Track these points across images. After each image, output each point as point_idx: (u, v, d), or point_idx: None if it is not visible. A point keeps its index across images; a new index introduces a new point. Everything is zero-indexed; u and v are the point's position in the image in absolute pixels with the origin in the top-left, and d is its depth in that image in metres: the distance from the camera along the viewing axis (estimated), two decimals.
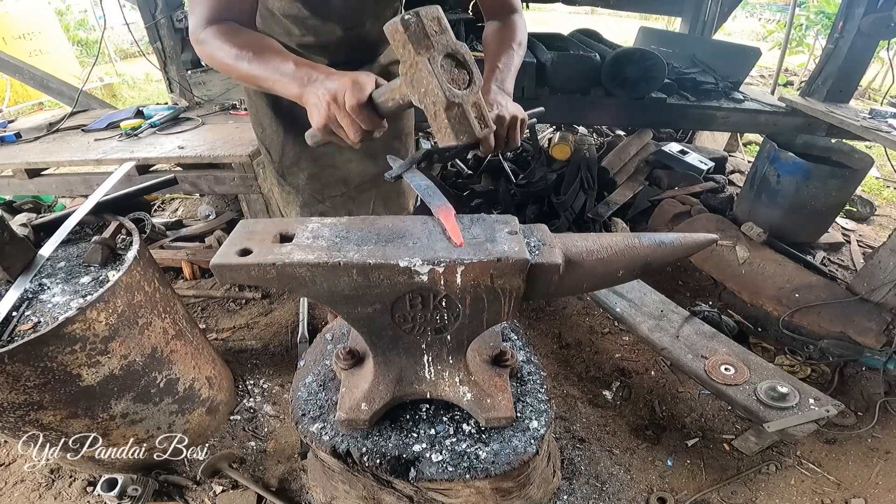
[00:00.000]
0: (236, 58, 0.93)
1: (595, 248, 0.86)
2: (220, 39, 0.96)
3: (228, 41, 0.95)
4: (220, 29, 0.98)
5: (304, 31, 1.30)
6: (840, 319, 2.28)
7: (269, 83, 0.92)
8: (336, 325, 1.36)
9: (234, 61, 0.93)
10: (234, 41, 0.95)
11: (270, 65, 0.90)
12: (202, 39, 0.99)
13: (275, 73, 0.89)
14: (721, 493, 1.67)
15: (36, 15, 5.75)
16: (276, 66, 0.90)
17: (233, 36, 0.96)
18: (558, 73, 2.67)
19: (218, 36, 0.96)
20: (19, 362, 1.17)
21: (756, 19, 10.79)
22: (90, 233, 1.63)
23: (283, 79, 0.88)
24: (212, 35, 0.97)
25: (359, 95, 0.78)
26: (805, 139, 2.92)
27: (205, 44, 0.98)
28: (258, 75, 0.92)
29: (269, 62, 0.91)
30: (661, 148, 3.68)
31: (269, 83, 0.92)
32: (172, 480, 1.67)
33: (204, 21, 0.98)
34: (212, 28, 0.98)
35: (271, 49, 0.94)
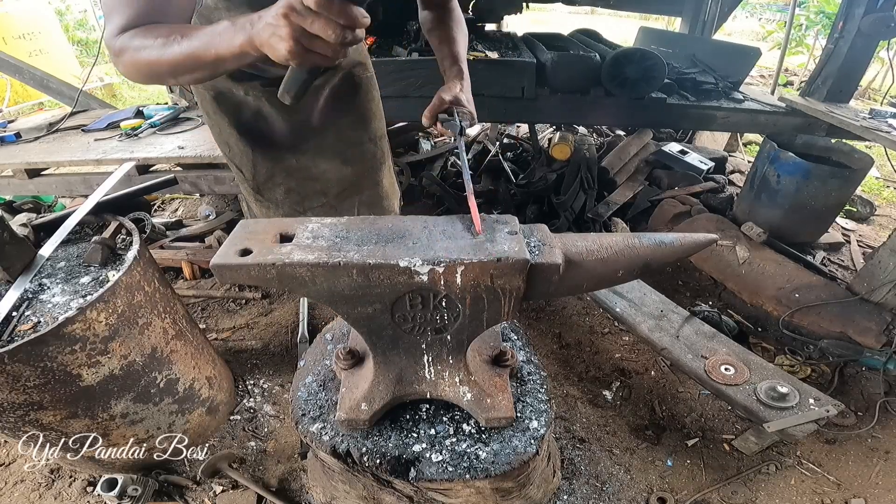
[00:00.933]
0: (164, 45, 0.80)
1: (595, 248, 0.86)
2: (140, 38, 0.83)
3: (150, 35, 0.82)
4: (138, 30, 0.85)
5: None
6: (840, 319, 2.28)
7: (210, 51, 0.78)
8: (336, 325, 1.36)
9: (162, 50, 0.80)
10: (156, 33, 0.82)
11: (204, 34, 0.78)
12: (120, 47, 0.85)
13: (211, 36, 0.77)
14: (721, 493, 1.67)
15: (36, 15, 5.75)
16: (212, 32, 0.77)
17: (154, 29, 0.84)
18: (558, 73, 2.67)
19: (137, 36, 0.84)
20: (19, 362, 1.17)
21: (756, 19, 10.80)
22: (90, 233, 1.63)
23: (222, 37, 0.76)
24: (129, 38, 0.84)
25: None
26: (805, 139, 2.92)
27: (124, 51, 0.84)
28: (195, 48, 0.78)
29: (200, 34, 0.79)
30: (661, 148, 3.68)
31: (210, 51, 0.78)
32: (172, 480, 1.67)
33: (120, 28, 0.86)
34: (129, 32, 0.85)
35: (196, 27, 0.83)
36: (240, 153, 1.46)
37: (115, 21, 0.86)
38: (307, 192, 1.55)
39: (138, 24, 0.85)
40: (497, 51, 2.81)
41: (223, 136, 1.46)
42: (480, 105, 3.11)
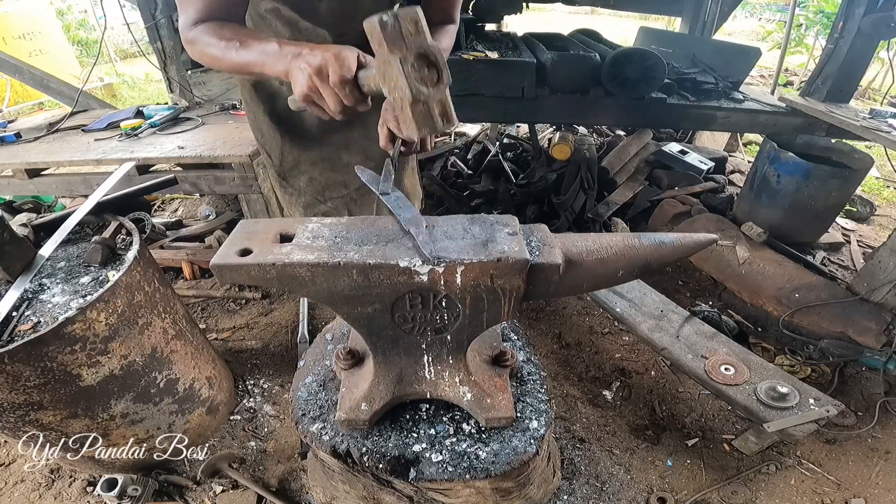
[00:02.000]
0: (225, 49, 0.96)
1: (595, 248, 0.86)
2: (208, 35, 0.99)
3: (216, 35, 0.98)
4: (208, 25, 1.00)
5: (296, 35, 1.30)
6: (840, 319, 2.28)
7: (258, 67, 0.93)
8: (336, 325, 1.36)
9: (223, 53, 0.96)
10: (221, 34, 0.98)
11: (257, 48, 0.92)
12: (191, 39, 1.01)
13: (261, 55, 0.91)
14: (721, 493, 1.67)
15: (36, 15, 5.75)
16: (262, 49, 0.92)
17: (219, 29, 0.99)
18: (558, 73, 2.67)
19: (206, 32, 0.99)
20: (19, 362, 1.17)
21: (756, 19, 10.80)
22: (90, 233, 1.63)
23: (269, 59, 0.90)
24: (200, 32, 1.00)
25: (342, 72, 0.79)
26: (805, 139, 2.92)
27: (195, 42, 1.01)
28: (247, 61, 0.94)
29: (254, 47, 0.93)
30: (661, 148, 3.68)
31: (258, 67, 0.93)
32: (172, 480, 1.67)
33: (193, 20, 1.01)
34: (200, 26, 1.00)
35: (257, 36, 0.97)
36: (270, 139, 1.51)
37: (187, 12, 1.01)
38: (329, 183, 1.57)
39: (205, 16, 1.01)
40: (497, 51, 2.81)
41: (257, 123, 1.51)
42: (480, 105, 3.11)
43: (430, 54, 0.71)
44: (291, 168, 1.54)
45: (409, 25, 0.68)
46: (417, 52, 0.69)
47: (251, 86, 1.43)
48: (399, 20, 0.67)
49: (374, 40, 0.70)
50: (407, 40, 0.68)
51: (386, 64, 0.70)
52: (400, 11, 0.67)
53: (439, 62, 0.72)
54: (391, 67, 0.70)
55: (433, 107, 0.73)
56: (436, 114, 0.74)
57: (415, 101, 0.71)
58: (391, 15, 0.67)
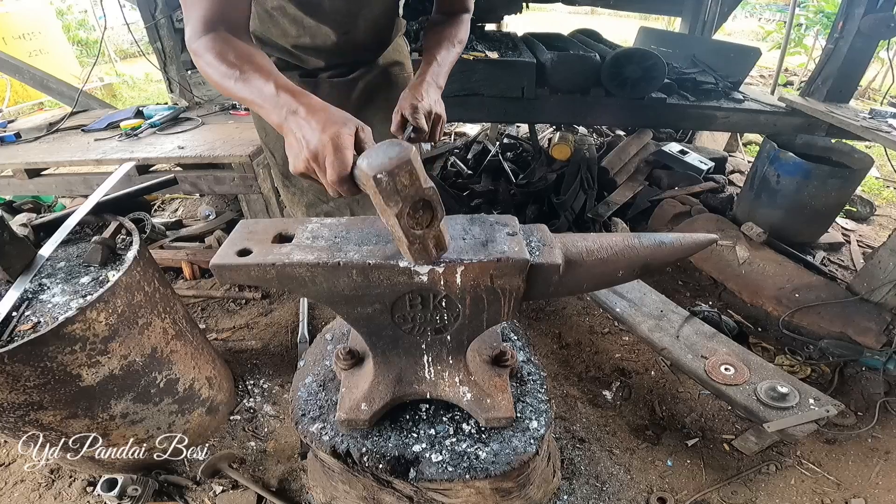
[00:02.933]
0: (225, 76, 0.92)
1: (595, 248, 0.86)
2: (211, 54, 0.94)
3: (219, 57, 0.93)
4: (213, 41, 0.95)
5: (301, 32, 1.30)
6: (840, 319, 2.28)
7: (253, 107, 0.90)
8: (336, 325, 1.36)
9: (221, 79, 0.92)
10: (223, 58, 0.93)
11: (254, 86, 0.88)
12: (195, 51, 0.98)
13: (258, 96, 0.87)
14: (721, 493, 1.67)
15: (36, 15, 5.75)
16: (259, 89, 0.87)
17: (223, 51, 0.94)
18: (558, 73, 2.67)
19: (210, 50, 0.95)
20: (19, 362, 1.17)
21: (756, 19, 10.80)
22: (90, 233, 1.63)
23: (264, 104, 0.86)
24: (204, 48, 0.95)
25: (339, 171, 0.73)
26: (805, 139, 2.92)
27: (198, 57, 0.97)
28: (243, 97, 0.90)
29: (252, 83, 0.88)
30: (661, 148, 3.68)
31: (253, 107, 0.90)
32: (172, 480, 1.67)
33: (198, 30, 0.97)
34: (205, 39, 0.96)
35: (258, 66, 0.92)
36: (275, 138, 1.51)
37: (192, 22, 0.97)
38: None
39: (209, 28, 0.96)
40: (497, 51, 2.81)
41: (262, 122, 1.51)
42: (480, 105, 3.11)
43: (425, 198, 0.69)
44: None
45: (404, 179, 0.65)
46: (413, 201, 0.68)
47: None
48: (393, 177, 0.65)
49: (369, 191, 0.69)
50: (402, 194, 0.66)
51: (383, 212, 0.70)
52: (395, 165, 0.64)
53: (433, 203, 0.71)
54: (388, 217, 0.70)
55: (428, 243, 0.74)
56: (430, 248, 0.75)
57: (410, 242, 0.72)
58: (385, 173, 0.64)
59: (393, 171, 0.64)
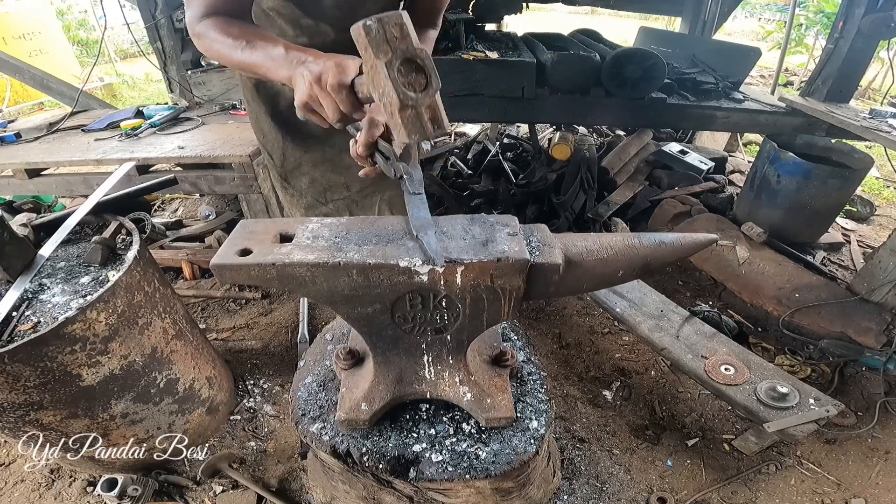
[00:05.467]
0: (231, 47, 0.97)
1: (595, 248, 0.86)
2: (215, 30, 1.00)
3: (223, 31, 0.99)
4: (216, 21, 1.01)
5: (298, 32, 1.30)
6: (840, 319, 2.28)
7: (262, 69, 0.94)
8: (336, 325, 1.36)
9: (229, 50, 0.97)
10: (229, 31, 0.99)
11: (263, 51, 0.93)
12: (199, 32, 1.02)
13: (266, 58, 0.92)
14: (721, 493, 1.67)
15: (36, 15, 5.75)
16: (268, 52, 0.92)
17: (228, 26, 1.00)
18: (558, 73, 2.67)
19: (214, 27, 1.00)
20: (19, 362, 1.17)
21: (756, 19, 10.80)
22: (90, 233, 1.63)
23: (273, 63, 0.91)
24: (208, 27, 1.01)
25: (340, 77, 0.80)
26: (805, 139, 2.92)
27: (202, 36, 1.02)
28: (253, 62, 0.95)
29: (261, 48, 0.94)
30: (661, 148, 3.68)
31: (262, 69, 0.94)
32: (172, 480, 1.67)
33: (200, 14, 1.02)
34: (208, 20, 1.01)
35: (263, 36, 0.98)
36: (272, 140, 1.51)
37: (193, 7, 1.02)
38: (331, 184, 1.57)
39: (212, 10, 1.02)
40: (497, 51, 2.81)
41: (259, 123, 1.51)
42: (480, 105, 3.11)
43: (417, 58, 0.70)
44: (293, 169, 1.54)
45: (394, 30, 0.67)
46: (403, 56, 0.68)
47: (253, 86, 1.43)
48: (383, 25, 0.66)
49: (359, 45, 0.69)
50: (392, 45, 0.67)
51: (373, 69, 0.70)
52: (384, 16, 0.67)
53: (427, 66, 0.71)
54: (378, 73, 0.69)
55: (422, 112, 0.72)
56: (425, 119, 0.73)
57: (403, 106, 0.70)
58: (375, 19, 0.66)
59: (383, 19, 0.66)
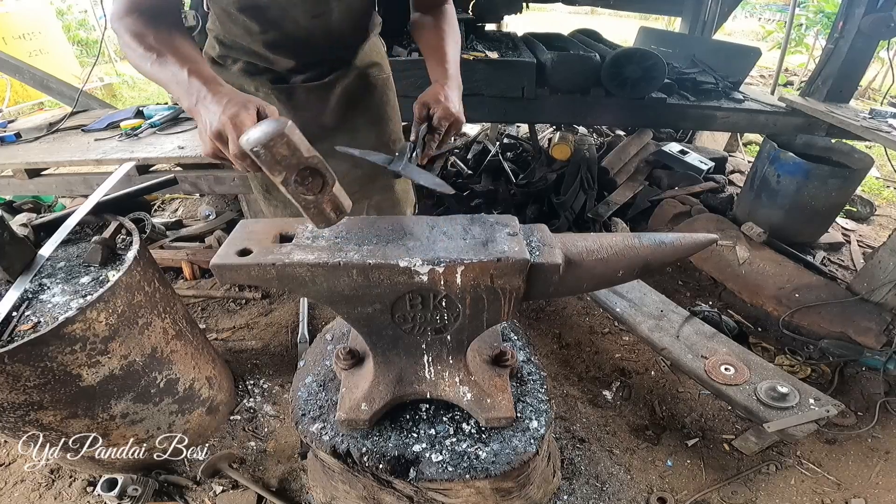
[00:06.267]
0: (142, 58, 0.92)
1: (595, 248, 0.86)
2: (130, 34, 0.94)
3: (138, 38, 0.93)
4: (135, 22, 0.95)
5: (266, 26, 1.22)
6: (840, 319, 2.28)
7: (169, 90, 0.91)
8: (336, 325, 1.36)
9: (140, 61, 0.93)
10: (141, 39, 0.93)
11: (169, 71, 0.89)
12: (117, 31, 0.97)
13: (172, 81, 0.88)
14: (721, 493, 1.67)
15: (36, 15, 5.75)
16: (173, 74, 0.88)
17: (143, 32, 0.94)
18: (558, 73, 2.67)
19: (130, 30, 0.95)
20: (19, 362, 1.17)
21: (756, 19, 10.81)
22: (90, 233, 1.63)
23: (178, 89, 0.87)
24: (124, 29, 0.95)
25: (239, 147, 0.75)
26: (805, 139, 2.92)
27: (119, 37, 0.97)
28: (161, 80, 0.91)
29: (168, 68, 0.89)
30: (661, 148, 3.68)
31: (169, 90, 0.91)
32: (172, 480, 1.67)
33: (122, 11, 0.96)
34: (127, 20, 0.95)
35: (175, 51, 0.91)
36: None
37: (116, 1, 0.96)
38: None
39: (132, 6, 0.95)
40: (497, 51, 2.81)
41: None
42: (480, 105, 3.11)
43: (308, 167, 0.72)
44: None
45: (282, 149, 0.68)
46: (297, 169, 0.71)
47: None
48: (270, 149, 0.68)
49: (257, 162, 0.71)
50: (283, 164, 0.69)
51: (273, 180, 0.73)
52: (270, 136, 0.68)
53: (321, 169, 0.73)
54: (278, 185, 0.73)
55: (324, 207, 0.76)
56: (328, 211, 0.77)
57: (305, 207, 0.75)
58: (261, 146, 0.68)
59: (268, 144, 0.68)
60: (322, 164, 0.74)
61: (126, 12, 0.95)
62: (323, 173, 0.74)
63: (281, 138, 0.68)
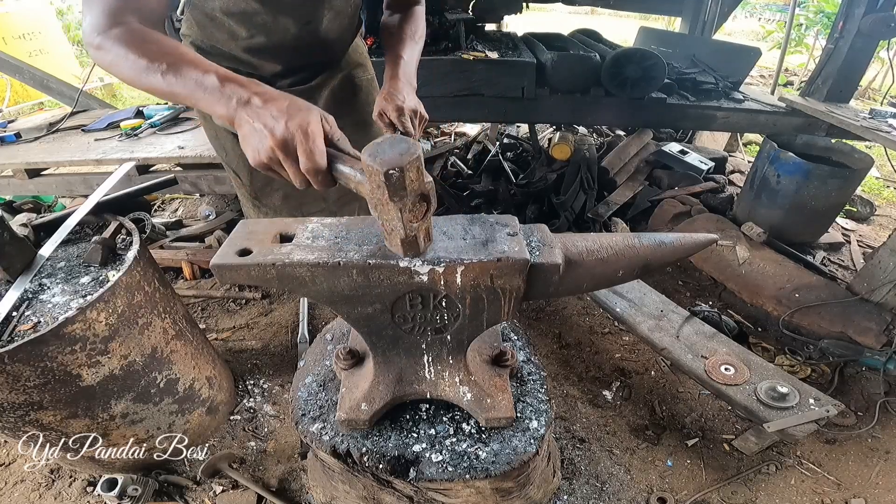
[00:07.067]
0: (146, 69, 0.79)
1: (595, 248, 0.86)
2: (123, 46, 0.81)
3: (134, 49, 0.80)
4: (124, 33, 0.82)
5: (253, 32, 1.18)
6: (840, 319, 2.28)
7: (189, 101, 0.79)
8: (336, 325, 1.36)
9: (142, 73, 0.80)
10: (141, 50, 0.80)
11: (189, 78, 0.77)
12: (99, 45, 0.83)
13: (196, 88, 0.77)
14: (721, 493, 1.67)
15: (36, 15, 5.75)
16: (198, 80, 0.77)
17: (139, 43, 0.82)
18: (558, 73, 2.67)
19: (121, 42, 0.81)
20: (19, 362, 1.17)
21: (756, 19, 10.81)
22: (90, 233, 1.63)
23: (206, 97, 0.76)
24: (112, 41, 0.82)
25: (315, 162, 0.70)
26: (805, 139, 2.92)
27: (103, 50, 0.83)
28: (175, 92, 0.79)
29: (187, 75, 0.77)
30: (661, 148, 3.68)
31: (189, 101, 0.79)
32: (172, 480, 1.67)
33: (103, 23, 0.83)
34: (113, 31, 0.82)
35: (188, 59, 0.80)
36: (236, 157, 1.43)
37: (94, 12, 0.83)
38: (305, 198, 1.52)
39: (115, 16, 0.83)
40: (497, 51, 2.81)
41: (220, 140, 1.43)
42: (480, 105, 3.11)
43: (425, 192, 0.69)
44: (263, 186, 1.47)
45: (412, 174, 0.64)
46: (416, 196, 0.68)
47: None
48: (405, 173, 0.63)
49: (372, 181, 0.66)
50: (408, 188, 0.65)
51: (382, 206, 0.68)
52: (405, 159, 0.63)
53: (430, 196, 0.70)
54: (388, 211, 0.68)
55: (420, 235, 0.73)
56: (421, 240, 0.74)
57: (406, 237, 0.71)
58: (398, 169, 0.62)
59: (405, 168, 0.63)
60: (433, 189, 0.70)
61: (112, 23, 0.83)
62: (430, 200, 0.70)
63: (416, 162, 0.64)
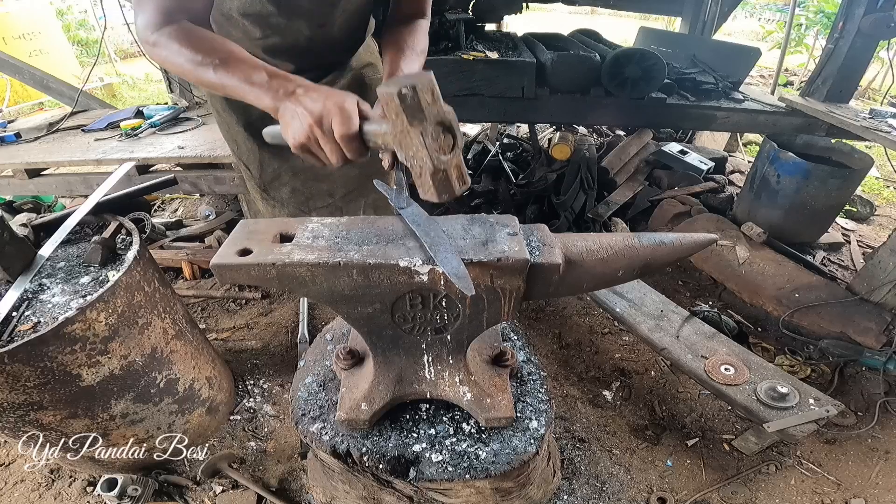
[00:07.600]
0: (200, 64, 0.87)
1: (595, 248, 0.86)
2: (178, 43, 0.88)
3: (188, 45, 0.88)
4: (177, 31, 0.90)
5: (268, 32, 1.21)
6: (840, 319, 2.28)
7: (238, 93, 0.86)
8: (336, 325, 1.36)
9: (196, 67, 0.87)
10: (195, 46, 0.88)
11: (240, 73, 0.85)
12: (155, 42, 0.91)
13: (245, 82, 0.84)
14: (721, 493, 1.67)
15: (36, 15, 5.75)
16: (247, 75, 0.84)
17: (193, 40, 0.89)
18: (558, 73, 2.67)
19: (175, 39, 0.89)
20: (19, 362, 1.17)
21: (756, 19, 10.80)
22: (90, 233, 1.63)
23: (254, 90, 0.84)
24: (168, 37, 0.89)
25: (348, 127, 0.75)
26: (805, 139, 2.92)
27: (159, 47, 0.91)
28: (225, 84, 0.86)
29: (237, 70, 0.85)
30: (661, 148, 3.68)
31: (238, 93, 0.86)
32: (172, 480, 1.67)
33: (157, 21, 0.91)
34: (167, 29, 0.90)
35: (238, 56, 0.88)
36: (247, 151, 1.46)
37: (147, 12, 0.91)
38: (313, 193, 1.54)
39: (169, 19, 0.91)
40: (497, 51, 2.81)
41: (231, 134, 1.46)
42: (480, 105, 3.10)
43: (446, 121, 0.70)
44: (272, 180, 1.50)
45: (427, 96, 0.66)
46: (436, 120, 0.69)
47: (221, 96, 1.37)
48: (418, 92, 0.65)
49: (390, 110, 0.68)
50: (426, 111, 0.67)
51: (404, 134, 0.69)
52: (417, 81, 0.66)
53: (454, 127, 0.71)
54: (411, 139, 0.69)
55: (451, 173, 0.73)
56: (454, 178, 0.74)
57: (435, 171, 0.71)
58: (410, 87, 0.65)
59: (417, 87, 0.65)
60: (457, 121, 0.71)
61: (165, 21, 0.90)
62: (455, 133, 0.71)
63: (429, 83, 0.66)
